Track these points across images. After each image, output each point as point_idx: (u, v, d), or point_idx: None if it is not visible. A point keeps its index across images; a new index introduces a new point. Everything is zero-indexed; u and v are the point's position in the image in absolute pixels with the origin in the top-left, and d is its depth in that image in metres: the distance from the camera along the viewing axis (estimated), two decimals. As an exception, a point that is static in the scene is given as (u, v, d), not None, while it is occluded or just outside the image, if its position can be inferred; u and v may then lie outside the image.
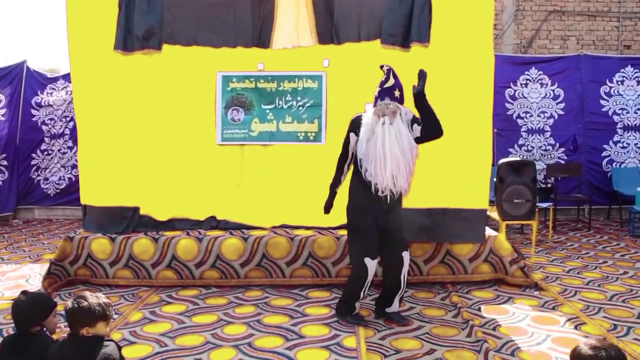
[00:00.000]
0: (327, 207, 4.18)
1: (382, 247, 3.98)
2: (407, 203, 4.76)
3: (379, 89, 3.86)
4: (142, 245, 4.92)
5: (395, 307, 4.04)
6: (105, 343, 2.42)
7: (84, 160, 5.32)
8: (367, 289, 3.98)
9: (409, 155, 3.80)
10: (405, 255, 3.96)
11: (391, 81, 3.84)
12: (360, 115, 3.99)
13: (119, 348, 2.47)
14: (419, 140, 3.89)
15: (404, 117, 3.87)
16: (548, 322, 3.96)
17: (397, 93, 3.86)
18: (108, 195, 5.13)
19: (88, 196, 5.28)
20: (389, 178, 3.74)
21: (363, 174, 3.82)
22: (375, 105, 3.88)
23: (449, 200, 4.75)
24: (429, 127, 3.84)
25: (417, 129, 3.87)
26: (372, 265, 3.88)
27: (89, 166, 5.23)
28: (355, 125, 3.95)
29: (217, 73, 5.40)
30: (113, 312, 2.51)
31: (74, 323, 2.43)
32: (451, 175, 4.73)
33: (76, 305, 2.41)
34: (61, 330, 2.73)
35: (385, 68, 3.90)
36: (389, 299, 4.04)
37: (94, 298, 2.44)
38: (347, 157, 4.04)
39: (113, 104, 5.14)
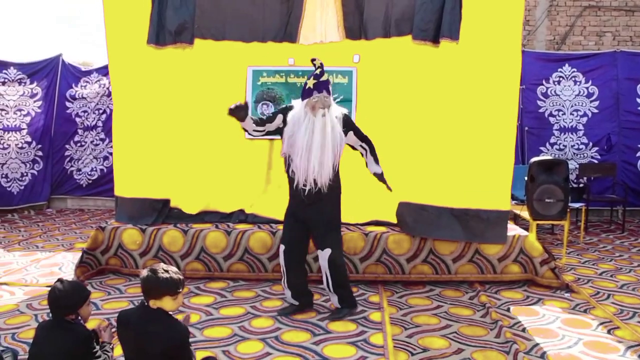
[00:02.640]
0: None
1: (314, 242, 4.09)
2: (429, 200, 4.75)
3: (315, 81, 3.85)
4: (172, 237, 4.99)
5: (333, 301, 4.09)
6: (174, 320, 2.57)
7: (118, 153, 5.40)
8: (285, 277, 4.05)
9: (337, 150, 3.85)
10: (320, 253, 3.97)
11: (325, 75, 3.87)
12: (290, 107, 4.01)
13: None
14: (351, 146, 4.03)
15: (334, 112, 3.90)
16: (579, 325, 3.89)
17: (330, 87, 3.90)
18: (139, 187, 5.21)
19: (120, 187, 5.37)
20: (311, 170, 3.77)
21: (289, 169, 3.89)
22: (306, 97, 3.85)
23: (470, 200, 4.69)
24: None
25: (352, 137, 3.98)
26: (280, 249, 4.05)
27: (124, 158, 5.31)
28: (284, 113, 3.98)
29: (247, 67, 5.44)
30: (181, 288, 2.59)
31: (144, 293, 2.59)
32: (473, 175, 4.67)
33: (145, 277, 2.56)
34: (103, 328, 2.81)
35: (317, 62, 3.91)
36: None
37: (163, 272, 2.55)
38: (262, 123, 3.98)
39: (146, 98, 5.21)
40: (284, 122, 3.95)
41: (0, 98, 8.36)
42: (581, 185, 7.69)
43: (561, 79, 8.08)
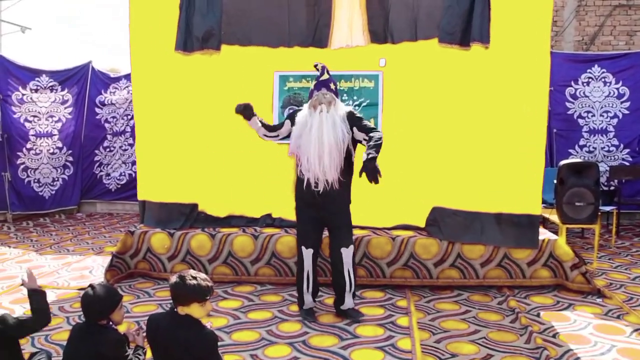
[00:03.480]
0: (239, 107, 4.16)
1: (330, 243, 4.10)
2: (461, 205, 4.72)
3: (315, 82, 3.97)
4: (200, 241, 5.04)
5: (348, 303, 4.06)
6: (202, 327, 2.59)
7: (142, 158, 5.47)
8: (310, 280, 4.04)
9: (342, 146, 3.85)
10: (345, 251, 3.97)
11: (326, 75, 3.95)
12: (299, 110, 4.09)
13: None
14: (357, 142, 3.97)
15: (338, 110, 3.92)
16: (612, 332, 3.81)
17: (332, 86, 3.97)
18: (167, 191, 5.27)
19: (148, 192, 5.42)
20: (322, 168, 3.80)
21: (298, 170, 3.93)
22: (310, 98, 3.98)
23: (501, 204, 4.67)
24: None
25: (360, 134, 3.91)
26: (307, 253, 4.01)
27: (150, 163, 5.37)
28: (292, 117, 4.09)
29: (274, 72, 5.48)
30: (209, 295, 2.60)
31: (173, 299, 2.61)
32: (504, 179, 4.65)
33: (174, 283, 2.58)
34: (135, 332, 2.86)
35: (319, 65, 4.01)
36: (340, 297, 4.06)
37: (192, 279, 2.57)
38: (274, 130, 4.17)
39: (173, 103, 5.27)
40: (292, 124, 4.04)
41: (33, 105, 8.57)
42: (612, 188, 7.54)
43: (590, 80, 7.94)
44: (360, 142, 3.97)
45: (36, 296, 2.82)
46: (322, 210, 3.96)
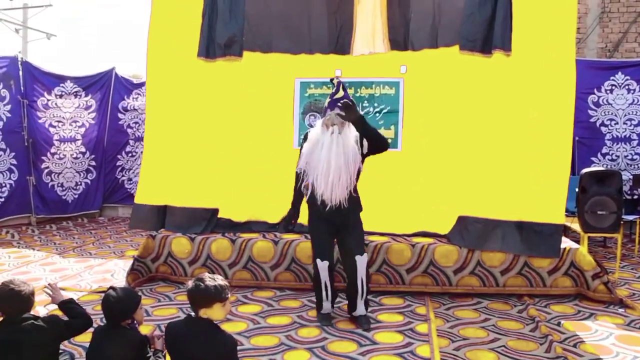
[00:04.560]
0: (288, 222, 4.34)
1: (340, 253, 4.15)
2: (483, 213, 4.70)
3: (329, 99, 3.96)
4: (220, 246, 5.09)
5: (360, 310, 4.07)
6: (221, 331, 2.62)
7: (147, 162, 5.49)
8: (328, 289, 4.08)
9: (352, 167, 3.87)
10: (359, 259, 3.97)
11: (340, 93, 3.94)
12: (307, 133, 4.14)
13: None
14: (367, 155, 3.97)
15: (352, 129, 3.92)
16: (635, 343, 3.75)
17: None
18: (189, 196, 5.32)
19: (169, 197, 5.45)
20: (329, 187, 3.82)
21: (301, 185, 4.03)
22: (324, 116, 3.98)
23: (524, 213, 4.64)
24: (374, 145, 3.91)
25: (366, 144, 3.91)
26: (322, 266, 4.02)
27: (169, 168, 5.37)
28: (305, 138, 4.12)
29: (295, 79, 5.53)
30: (229, 294, 2.64)
31: (192, 304, 2.63)
32: (528, 188, 4.61)
33: (194, 287, 2.61)
34: (157, 336, 2.91)
35: (335, 81, 4.03)
36: (353, 303, 4.08)
37: (211, 280, 2.61)
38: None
39: (195, 109, 5.34)
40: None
41: (58, 110, 8.74)
42: (635, 196, 7.43)
43: (614, 87, 7.85)
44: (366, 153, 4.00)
45: (69, 305, 2.90)
46: (334, 223, 4.02)
